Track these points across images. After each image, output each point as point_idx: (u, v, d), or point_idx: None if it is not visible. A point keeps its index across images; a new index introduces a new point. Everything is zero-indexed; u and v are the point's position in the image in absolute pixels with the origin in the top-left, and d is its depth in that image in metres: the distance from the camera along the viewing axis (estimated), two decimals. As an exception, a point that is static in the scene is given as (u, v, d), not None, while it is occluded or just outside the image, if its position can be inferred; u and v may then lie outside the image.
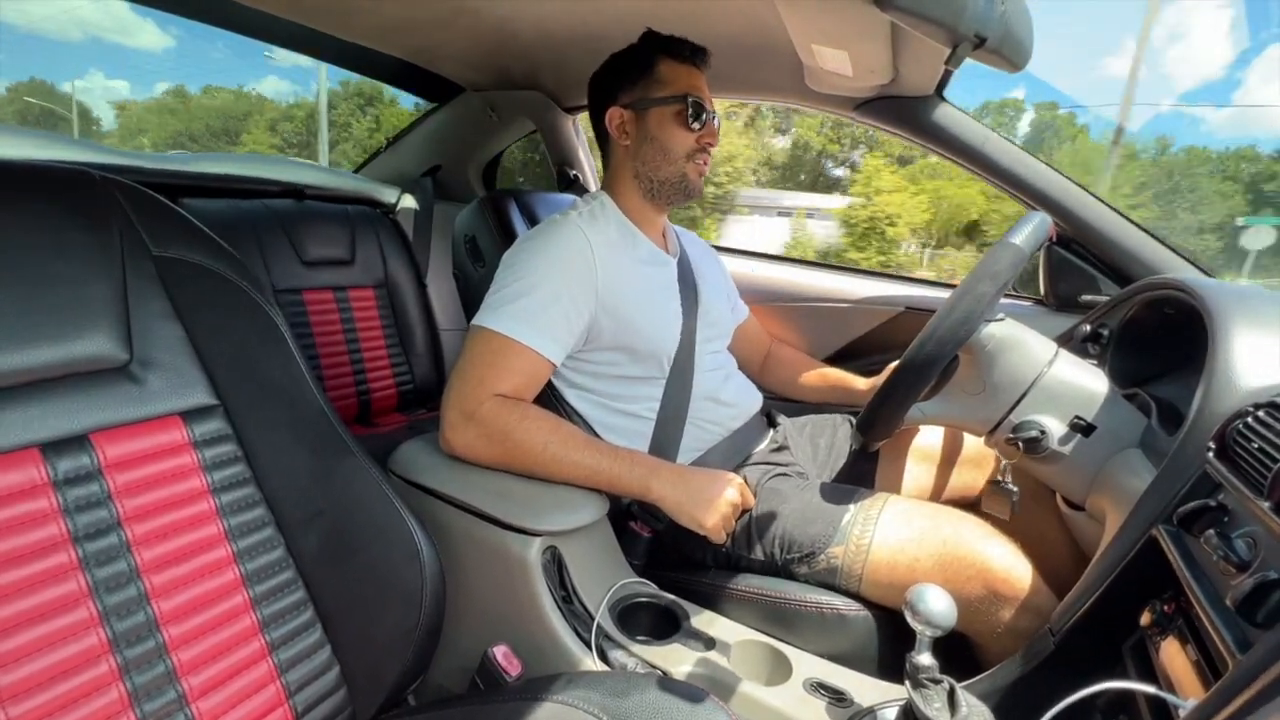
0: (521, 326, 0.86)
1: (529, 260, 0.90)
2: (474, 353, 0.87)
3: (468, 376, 0.85)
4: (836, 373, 1.25)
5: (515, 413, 0.84)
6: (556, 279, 0.88)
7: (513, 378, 0.86)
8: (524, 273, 0.89)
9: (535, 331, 0.86)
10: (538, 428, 0.84)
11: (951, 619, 0.57)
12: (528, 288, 0.87)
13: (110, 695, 0.52)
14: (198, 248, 0.65)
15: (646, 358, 0.96)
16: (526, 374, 0.87)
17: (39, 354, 0.53)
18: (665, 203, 1.02)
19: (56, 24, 52.32)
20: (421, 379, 1.72)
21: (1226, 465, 0.55)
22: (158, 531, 0.57)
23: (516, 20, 1.26)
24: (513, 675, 0.75)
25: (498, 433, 0.83)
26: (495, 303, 0.88)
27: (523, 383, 0.87)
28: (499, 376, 0.85)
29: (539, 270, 0.89)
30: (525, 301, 0.87)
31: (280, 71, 54.36)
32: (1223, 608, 0.47)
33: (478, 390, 0.84)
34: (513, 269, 0.91)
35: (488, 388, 0.85)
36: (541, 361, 0.88)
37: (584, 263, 0.91)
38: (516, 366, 0.86)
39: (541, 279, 0.88)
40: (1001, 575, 0.77)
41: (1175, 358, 0.88)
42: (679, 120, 0.96)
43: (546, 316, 0.87)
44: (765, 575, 0.90)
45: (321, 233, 1.56)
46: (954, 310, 0.77)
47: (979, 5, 0.61)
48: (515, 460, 0.84)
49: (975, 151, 1.20)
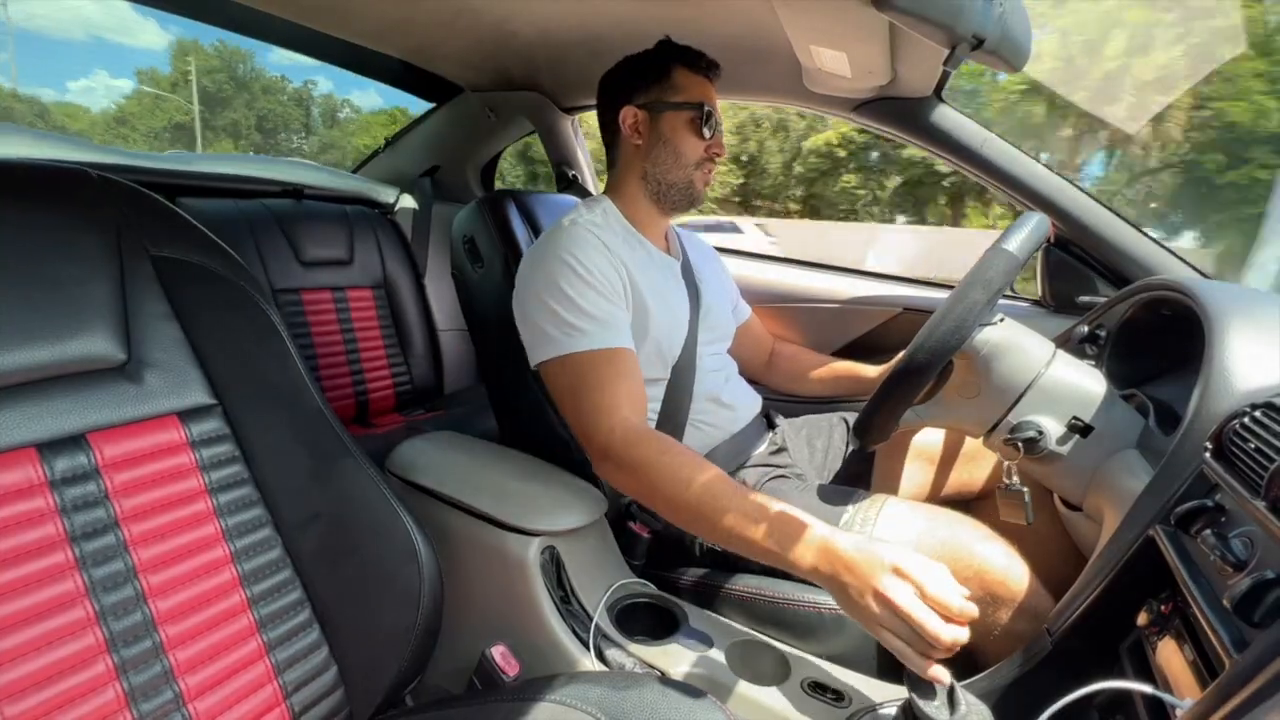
0: (591, 336, 0.84)
1: (553, 270, 0.88)
2: (568, 386, 0.84)
3: (581, 412, 0.82)
4: (844, 364, 1.24)
5: (654, 446, 0.76)
6: (591, 273, 0.87)
7: (620, 387, 0.82)
8: (556, 281, 0.86)
9: (604, 330, 0.84)
10: (679, 465, 0.73)
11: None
12: (568, 293, 0.85)
13: (107, 694, 0.52)
14: (196, 248, 0.65)
15: (653, 357, 0.96)
16: (626, 375, 0.84)
17: (37, 353, 0.53)
18: (670, 206, 1.02)
19: (60, 24, 52.37)
20: (419, 380, 1.72)
21: (1223, 465, 0.55)
22: (155, 531, 0.57)
23: (516, 21, 1.26)
24: (511, 675, 0.75)
25: (636, 466, 0.76)
26: (550, 329, 0.85)
27: (630, 387, 0.84)
28: (609, 397, 0.81)
29: (570, 273, 0.87)
30: (577, 310, 0.85)
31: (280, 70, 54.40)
32: (1220, 607, 0.47)
33: (598, 423, 0.80)
34: (541, 284, 0.88)
35: (605, 415, 0.80)
36: (628, 354, 0.86)
37: (605, 256, 0.91)
38: (616, 373, 0.83)
39: (578, 281, 0.86)
40: (999, 577, 0.77)
41: (1172, 358, 0.88)
42: (692, 127, 0.97)
43: (603, 312, 0.86)
44: (763, 575, 0.90)
45: (320, 233, 1.56)
46: (946, 318, 0.77)
47: (977, 6, 0.62)
48: (655, 498, 0.75)
49: (973, 153, 1.20)
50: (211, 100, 25.45)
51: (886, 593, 0.57)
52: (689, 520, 0.73)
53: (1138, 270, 1.15)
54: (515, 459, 0.98)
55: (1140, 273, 1.15)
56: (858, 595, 0.60)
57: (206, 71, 25.22)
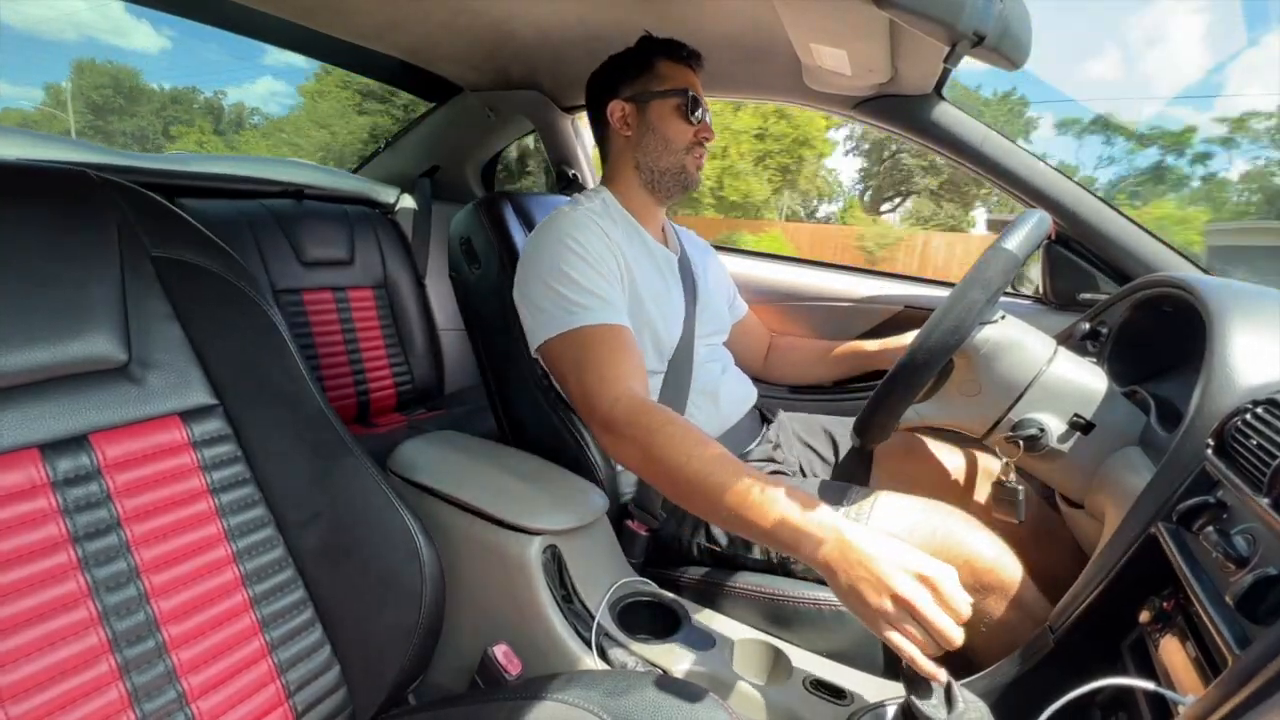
0: (591, 311, 0.84)
1: (553, 252, 0.89)
2: (570, 362, 0.84)
3: (585, 385, 0.81)
4: (844, 345, 1.24)
5: (658, 416, 0.74)
6: (589, 255, 0.88)
7: (621, 361, 0.82)
8: (556, 263, 0.87)
9: (604, 307, 0.85)
10: (682, 437, 0.71)
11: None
12: (567, 274, 0.86)
13: (110, 695, 0.52)
14: (196, 248, 0.65)
15: (649, 349, 0.96)
16: (626, 349, 0.84)
17: (38, 354, 0.53)
18: (665, 194, 1.03)
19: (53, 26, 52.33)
20: (421, 379, 1.72)
21: (1225, 462, 0.55)
22: (157, 531, 0.57)
23: (515, 20, 1.26)
24: (513, 674, 0.75)
25: (640, 434, 0.74)
26: (552, 307, 0.86)
27: (631, 360, 0.84)
28: (611, 369, 0.81)
29: (569, 255, 0.88)
30: (576, 289, 0.86)
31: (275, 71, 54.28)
32: (1222, 604, 0.47)
33: (602, 393, 0.79)
34: (542, 266, 0.89)
35: (609, 385, 0.79)
36: (628, 332, 0.86)
37: (604, 241, 0.92)
38: (616, 348, 0.83)
39: (577, 262, 0.87)
40: (987, 566, 0.77)
41: (1174, 355, 0.88)
42: (679, 113, 0.99)
43: (601, 291, 0.87)
44: (763, 573, 0.90)
45: (320, 233, 1.56)
46: (945, 318, 0.77)
47: (977, 3, 0.61)
48: (657, 471, 0.73)
49: (974, 150, 1.20)
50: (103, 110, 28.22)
51: (908, 597, 0.56)
52: (689, 495, 0.70)
53: (1139, 267, 1.15)
54: (516, 458, 0.98)
55: (1141, 270, 1.14)
56: (873, 593, 0.58)
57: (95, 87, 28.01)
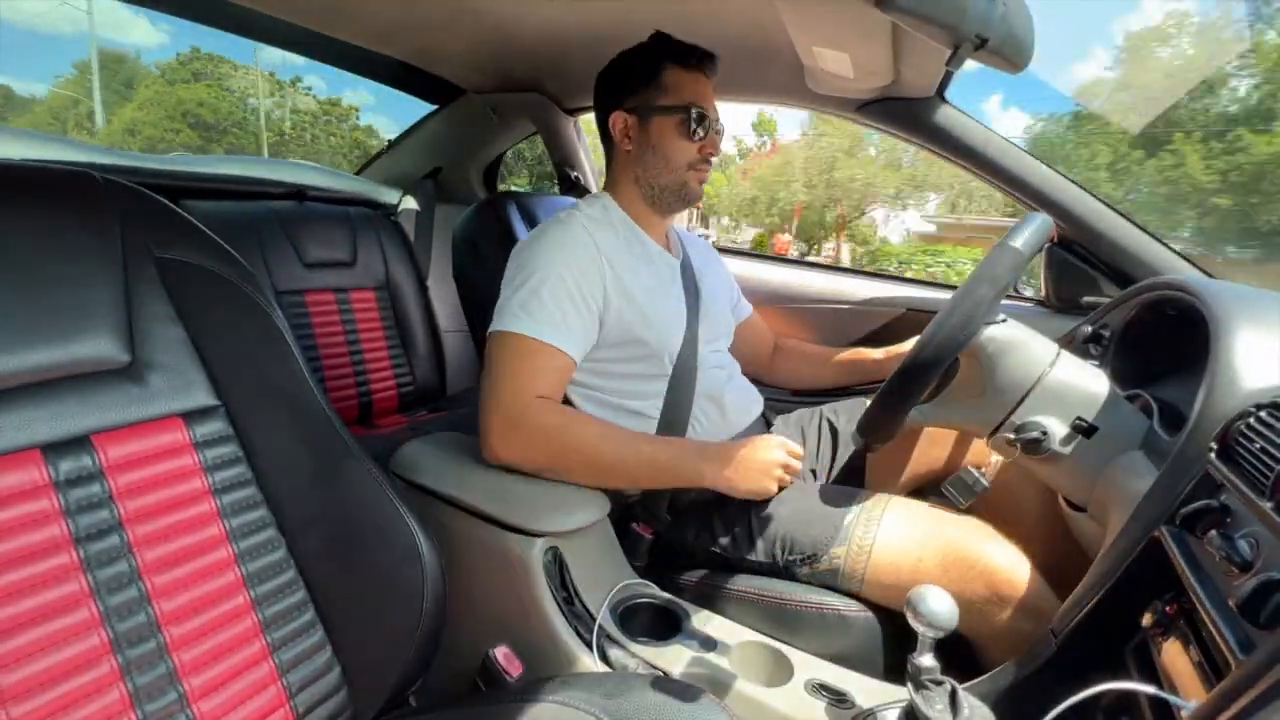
0: (541, 326, 0.86)
1: (536, 259, 0.90)
2: (501, 358, 0.86)
3: (504, 383, 0.85)
4: (848, 351, 1.24)
5: (564, 414, 0.85)
6: (567, 276, 0.88)
7: (546, 377, 0.86)
8: (533, 270, 0.89)
9: (554, 329, 0.86)
10: (587, 426, 0.85)
11: (953, 620, 0.57)
12: (539, 284, 0.87)
13: (111, 696, 0.52)
14: (199, 249, 0.65)
15: (651, 355, 0.96)
16: (556, 372, 0.88)
17: (40, 355, 0.53)
18: (665, 208, 1.02)
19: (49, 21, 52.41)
20: (423, 380, 1.72)
21: (1228, 466, 0.55)
22: (159, 533, 0.57)
23: (518, 22, 1.26)
24: (514, 676, 0.75)
25: (550, 431, 0.83)
26: (512, 306, 0.88)
27: (554, 381, 0.88)
28: (534, 378, 0.85)
29: (548, 268, 0.88)
30: (539, 301, 0.87)
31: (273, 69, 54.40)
32: (1225, 609, 0.46)
33: (518, 395, 0.84)
34: (522, 269, 0.90)
35: (527, 391, 0.84)
36: (566, 359, 0.88)
37: (590, 258, 0.91)
38: (546, 365, 0.86)
39: (553, 277, 0.88)
40: (1004, 576, 0.77)
41: (1177, 359, 0.88)
42: (681, 130, 0.96)
43: (562, 314, 0.87)
44: (766, 576, 0.90)
45: (323, 234, 1.56)
46: (953, 315, 0.77)
47: (980, 6, 0.61)
48: (568, 460, 0.84)
49: (976, 153, 1.20)
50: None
51: (787, 461, 0.87)
52: (603, 472, 0.85)
53: (1142, 270, 1.15)
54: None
55: (1144, 273, 1.14)
56: (763, 472, 0.85)
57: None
